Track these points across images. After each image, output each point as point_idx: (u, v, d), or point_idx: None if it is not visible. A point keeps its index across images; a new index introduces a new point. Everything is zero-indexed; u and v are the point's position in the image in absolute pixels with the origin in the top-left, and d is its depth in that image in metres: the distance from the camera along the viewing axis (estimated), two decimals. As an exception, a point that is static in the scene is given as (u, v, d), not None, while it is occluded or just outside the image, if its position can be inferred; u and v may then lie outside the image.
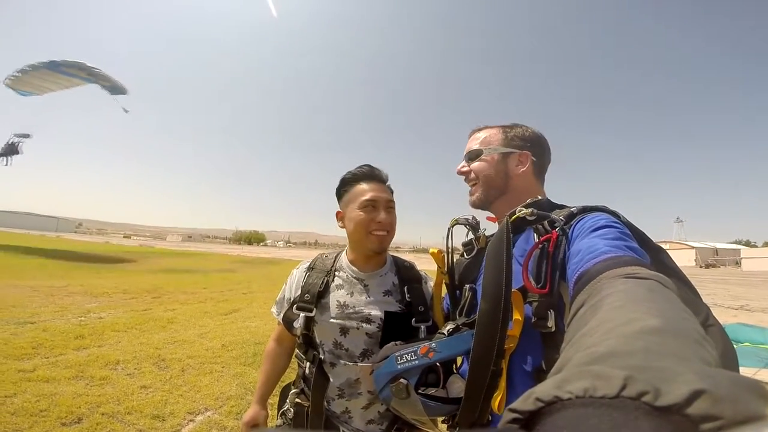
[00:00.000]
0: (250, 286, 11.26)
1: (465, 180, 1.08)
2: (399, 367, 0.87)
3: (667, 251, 0.81)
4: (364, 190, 1.21)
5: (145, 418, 2.75)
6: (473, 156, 1.05)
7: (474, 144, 1.06)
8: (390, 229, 1.22)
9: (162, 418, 2.78)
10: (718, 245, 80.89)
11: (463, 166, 1.07)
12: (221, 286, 10.93)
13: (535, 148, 1.04)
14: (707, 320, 0.69)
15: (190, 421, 2.81)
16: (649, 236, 0.80)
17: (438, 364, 0.89)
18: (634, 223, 0.80)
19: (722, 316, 9.27)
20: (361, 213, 1.19)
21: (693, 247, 72.89)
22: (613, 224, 0.74)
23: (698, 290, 0.76)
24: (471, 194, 1.06)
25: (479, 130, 1.09)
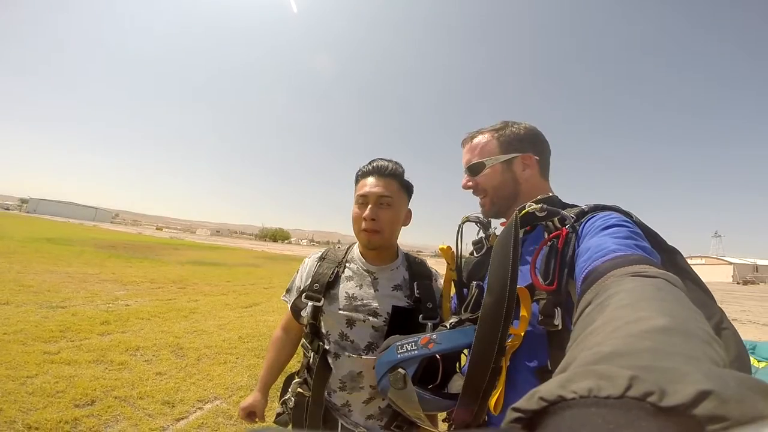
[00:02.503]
0: (271, 282, 11.48)
1: (473, 193, 1.05)
2: (399, 356, 0.85)
3: (701, 265, 0.74)
4: (363, 185, 1.20)
5: (155, 403, 2.81)
6: (475, 170, 1.01)
7: (472, 157, 1.02)
8: (380, 227, 1.17)
9: (172, 404, 2.84)
10: (759, 261, 76.82)
11: (468, 181, 1.03)
12: (244, 280, 11.18)
13: (535, 146, 1.01)
14: (721, 323, 0.67)
15: (199, 408, 2.86)
16: (662, 237, 0.77)
17: (438, 357, 0.87)
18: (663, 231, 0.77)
19: (755, 333, 8.73)
20: (355, 209, 1.20)
21: (731, 263, 69.74)
22: (624, 223, 0.72)
23: (735, 306, 0.68)
24: (482, 206, 1.04)
25: (471, 138, 1.05)
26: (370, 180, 1.19)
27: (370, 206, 1.16)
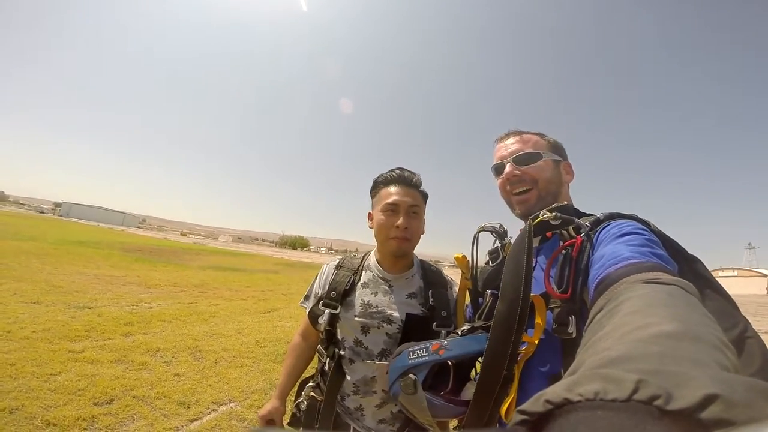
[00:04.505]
0: (289, 288, 11.57)
1: (511, 185, 0.99)
2: (410, 362, 0.86)
3: (734, 277, 0.68)
4: (389, 194, 1.22)
5: (171, 404, 2.85)
6: (528, 159, 0.97)
7: (525, 147, 0.99)
8: (410, 235, 1.20)
9: (187, 405, 2.87)
10: (797, 273, 71.82)
11: (515, 169, 0.98)
12: (263, 286, 11.33)
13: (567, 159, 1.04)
14: (745, 332, 0.64)
15: (213, 410, 2.88)
16: (682, 246, 0.75)
17: (450, 363, 0.87)
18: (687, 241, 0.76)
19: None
20: (383, 216, 1.21)
21: (765, 275, 65.72)
22: (640, 231, 0.71)
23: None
24: (522, 201, 0.98)
25: (519, 133, 1.04)
26: (397, 189, 1.22)
27: (402, 215, 1.18)
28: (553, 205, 0.87)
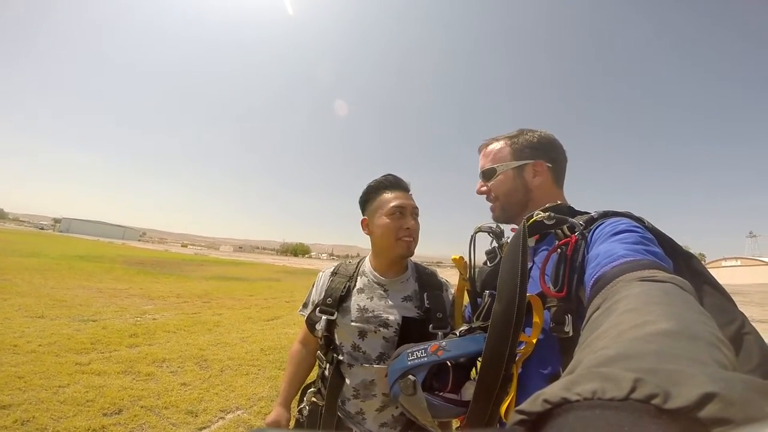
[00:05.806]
0: (292, 295, 11.56)
1: (486, 198, 1.06)
2: (409, 363, 0.87)
3: (737, 267, 0.70)
4: (393, 198, 1.24)
5: (179, 413, 2.87)
6: (488, 175, 1.03)
7: (486, 162, 1.04)
8: (415, 236, 1.24)
9: (195, 413, 2.89)
10: (801, 260, 70.76)
11: (482, 186, 1.05)
12: (266, 294, 11.33)
13: (548, 154, 1.00)
14: (743, 328, 0.63)
15: (221, 418, 2.91)
16: (677, 243, 0.75)
17: (449, 364, 0.88)
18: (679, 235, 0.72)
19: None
20: (389, 220, 1.22)
21: (768, 264, 65.85)
22: (634, 229, 0.71)
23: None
24: (492, 211, 1.05)
25: (487, 145, 1.07)
26: (397, 193, 1.26)
27: (409, 218, 1.23)
28: (547, 205, 0.88)
